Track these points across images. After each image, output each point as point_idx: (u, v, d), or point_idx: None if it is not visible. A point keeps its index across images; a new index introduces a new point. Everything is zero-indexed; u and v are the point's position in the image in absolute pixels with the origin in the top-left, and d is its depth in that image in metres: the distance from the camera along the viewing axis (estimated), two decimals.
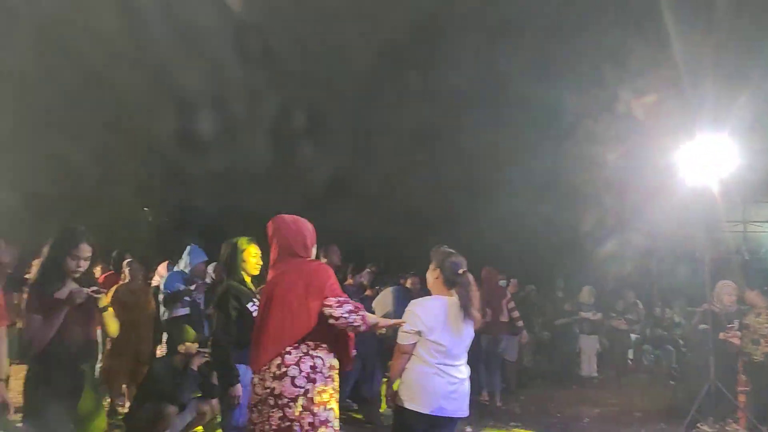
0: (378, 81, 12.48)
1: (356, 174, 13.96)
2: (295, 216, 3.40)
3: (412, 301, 3.60)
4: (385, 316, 6.52)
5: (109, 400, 6.17)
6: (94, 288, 3.61)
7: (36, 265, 3.77)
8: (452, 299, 3.45)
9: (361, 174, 14.02)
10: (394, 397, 3.47)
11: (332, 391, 3.06)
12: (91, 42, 8.68)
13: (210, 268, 6.99)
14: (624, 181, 10.21)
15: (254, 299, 3.99)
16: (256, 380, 3.12)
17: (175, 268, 6.63)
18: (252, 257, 4.22)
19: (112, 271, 6.97)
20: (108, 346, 6.06)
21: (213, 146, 11.60)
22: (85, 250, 3.58)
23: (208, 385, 5.26)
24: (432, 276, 3.59)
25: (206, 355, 5.26)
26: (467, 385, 3.49)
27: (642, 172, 8.99)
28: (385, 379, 7.04)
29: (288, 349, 3.04)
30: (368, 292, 7.44)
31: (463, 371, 3.48)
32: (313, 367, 3.03)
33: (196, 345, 5.29)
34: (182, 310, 6.21)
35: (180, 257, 6.51)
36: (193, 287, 6.23)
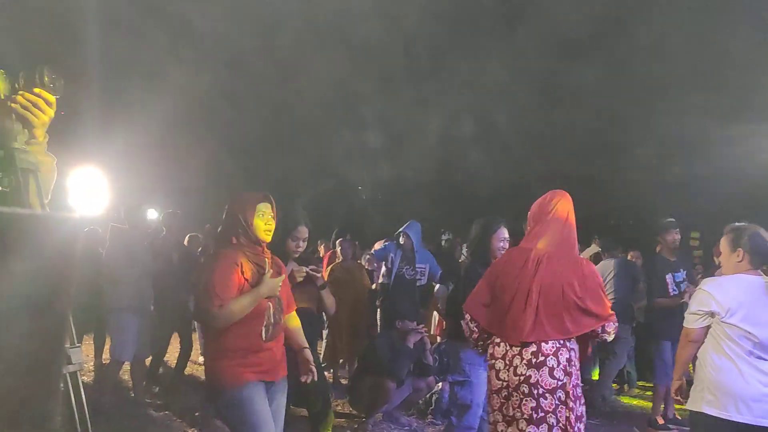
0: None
1: None
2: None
3: (705, 280, 3.30)
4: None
5: (331, 372, 6.84)
6: (312, 266, 4.00)
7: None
8: (763, 278, 3.06)
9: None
10: (680, 392, 3.26)
11: (581, 384, 2.96)
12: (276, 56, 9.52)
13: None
14: None
15: None
16: (499, 365, 3.07)
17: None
18: (500, 242, 4.18)
19: (333, 250, 7.62)
20: (328, 323, 6.69)
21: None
22: (303, 231, 3.94)
23: (422, 362, 5.53)
24: (732, 260, 3.17)
25: (422, 332, 5.55)
26: None
27: None
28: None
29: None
30: None
31: None
32: (569, 360, 2.94)
33: (415, 323, 5.57)
34: (385, 278, 6.60)
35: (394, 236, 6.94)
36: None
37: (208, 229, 8.03)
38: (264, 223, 3.10)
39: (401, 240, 6.72)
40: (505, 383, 2.99)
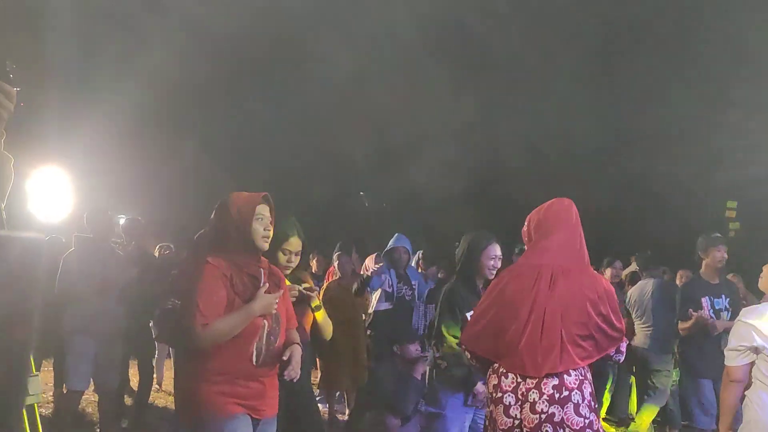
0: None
1: None
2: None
3: (744, 310, 3.25)
4: (639, 308, 6.39)
5: (326, 406, 6.73)
6: (306, 285, 3.90)
7: None
8: None
9: None
10: None
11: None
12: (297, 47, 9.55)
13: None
14: None
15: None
16: (509, 400, 2.94)
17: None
18: (490, 260, 4.14)
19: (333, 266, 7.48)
20: (324, 348, 6.56)
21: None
22: (296, 244, 3.74)
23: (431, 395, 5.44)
24: None
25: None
26: None
27: None
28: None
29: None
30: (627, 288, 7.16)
31: None
32: (592, 394, 2.88)
33: (419, 349, 5.47)
34: (384, 304, 6.48)
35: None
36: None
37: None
38: (263, 228, 2.98)
39: (398, 255, 6.62)
40: (518, 422, 2.87)
